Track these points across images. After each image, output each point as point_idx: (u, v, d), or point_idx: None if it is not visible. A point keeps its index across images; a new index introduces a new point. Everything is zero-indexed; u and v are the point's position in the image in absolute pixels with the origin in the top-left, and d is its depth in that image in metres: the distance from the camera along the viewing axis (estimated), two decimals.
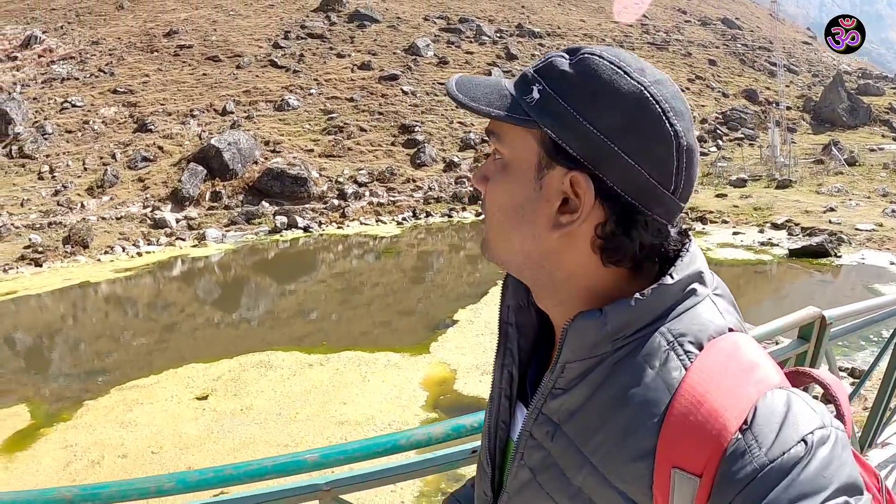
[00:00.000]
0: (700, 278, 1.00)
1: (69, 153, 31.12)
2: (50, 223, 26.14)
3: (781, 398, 0.87)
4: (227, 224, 26.92)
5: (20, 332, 17.22)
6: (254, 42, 41.42)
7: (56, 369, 13.87)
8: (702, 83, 45.99)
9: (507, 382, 1.17)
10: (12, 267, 23.38)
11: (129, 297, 19.91)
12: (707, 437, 0.85)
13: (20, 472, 8.97)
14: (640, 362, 0.93)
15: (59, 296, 19.95)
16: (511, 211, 1.02)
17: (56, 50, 41.05)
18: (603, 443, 0.94)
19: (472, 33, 45.29)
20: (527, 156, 0.99)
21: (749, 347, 0.95)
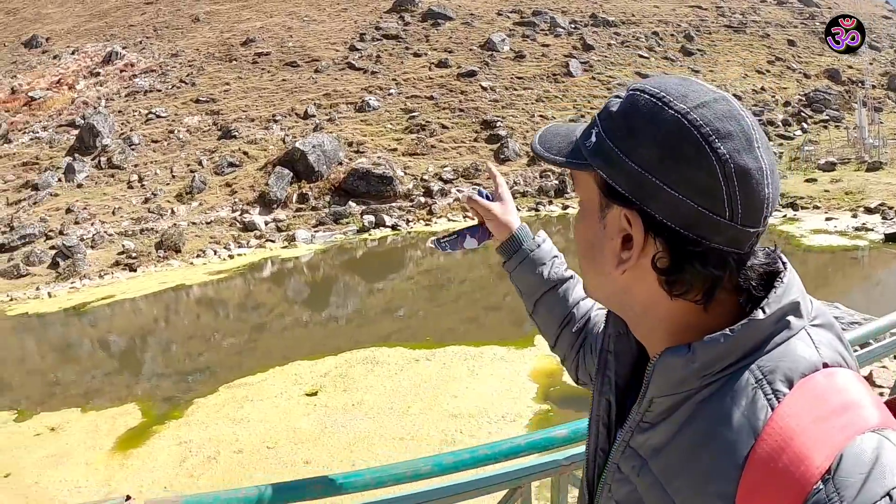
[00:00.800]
0: (795, 309, 0.96)
1: (156, 162, 31.46)
2: (142, 230, 26.41)
3: (871, 444, 0.82)
4: (315, 225, 26.81)
5: (123, 334, 17.27)
6: (330, 46, 41.41)
7: (162, 369, 13.82)
8: (782, 64, 44.44)
9: (604, 410, 1.17)
10: (108, 273, 23.87)
11: (225, 299, 19.87)
12: (788, 484, 0.83)
13: (136, 468, 8.78)
14: (727, 402, 0.92)
15: (155, 299, 20.04)
16: (587, 250, 1.08)
17: (137, 64, 41.73)
18: (686, 484, 0.93)
19: (547, 25, 44.58)
20: (592, 196, 1.04)
21: (844, 384, 0.90)
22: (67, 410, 11.44)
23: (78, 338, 17.62)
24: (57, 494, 8.28)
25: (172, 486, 8.00)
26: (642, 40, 44.04)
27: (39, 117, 37.43)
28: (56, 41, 49.04)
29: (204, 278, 21.68)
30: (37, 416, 11.39)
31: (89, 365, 14.99)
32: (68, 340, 17.55)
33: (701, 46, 44.50)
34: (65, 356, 16.21)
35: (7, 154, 34.52)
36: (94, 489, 8.25)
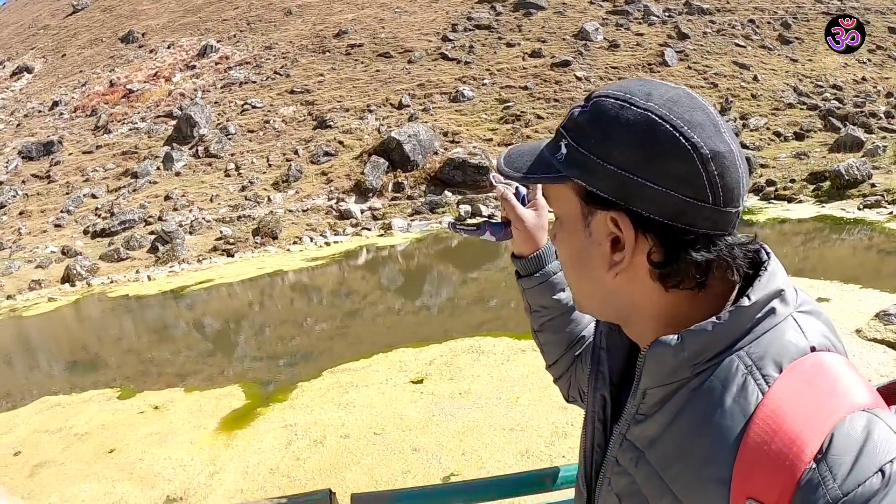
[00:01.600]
0: (781, 296, 0.98)
1: (253, 151, 31.63)
2: (239, 216, 26.53)
3: (861, 423, 0.84)
4: (411, 214, 26.44)
5: (221, 318, 17.33)
6: (423, 37, 41.12)
7: (260, 352, 13.66)
8: (883, 53, 42.15)
9: (599, 406, 1.19)
10: (206, 257, 24.12)
11: (320, 285, 19.66)
12: (781, 466, 0.84)
13: (241, 448, 8.54)
14: (718, 388, 0.94)
15: (252, 284, 20.05)
16: (575, 261, 1.08)
17: (232, 57, 42.21)
18: (682, 471, 0.95)
19: (640, 14, 43.45)
20: (571, 209, 1.05)
21: (833, 367, 0.92)
22: (171, 390, 11.44)
23: (176, 320, 17.71)
24: (161, 471, 8.15)
25: (279, 469, 7.75)
26: (738, 28, 42.51)
27: (137, 109, 38.16)
28: (151, 36, 50.09)
29: (301, 264, 21.51)
30: (140, 395, 11.42)
31: (187, 346, 15.00)
32: (167, 322, 17.62)
33: (799, 34, 42.71)
34: (164, 337, 16.25)
35: (107, 144, 35.29)
36: (199, 468, 8.10)
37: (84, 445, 9.44)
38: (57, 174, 33.62)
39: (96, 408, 10.99)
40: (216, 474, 7.75)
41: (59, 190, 32.31)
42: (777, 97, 34.09)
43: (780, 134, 30.71)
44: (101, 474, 8.35)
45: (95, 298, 21.13)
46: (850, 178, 22.94)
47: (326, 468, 7.59)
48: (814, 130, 30.72)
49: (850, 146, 27.27)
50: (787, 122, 31.73)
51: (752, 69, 36.70)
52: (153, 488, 7.66)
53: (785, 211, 22.41)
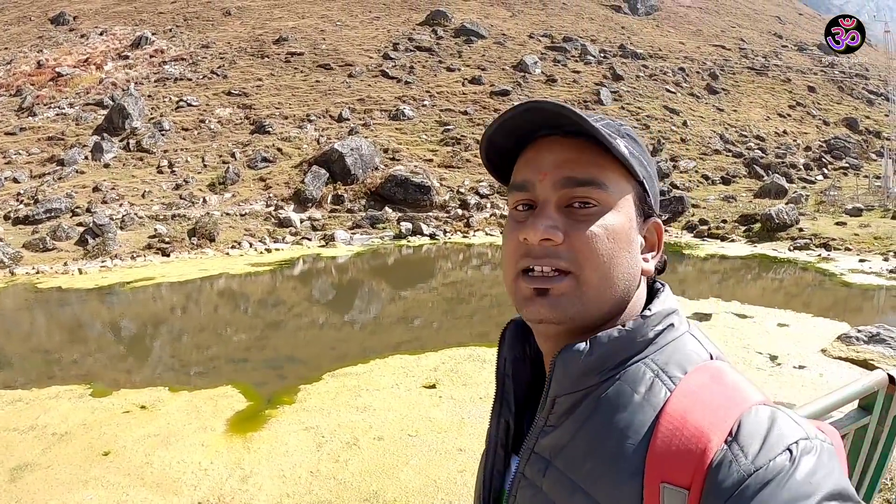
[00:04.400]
0: (676, 313, 1.08)
1: (187, 150, 31.05)
2: (174, 215, 25.99)
3: (765, 412, 0.90)
4: (351, 227, 26.39)
5: (183, 317, 17.07)
6: (364, 52, 41.26)
7: (242, 353, 13.38)
8: (802, 110, 44.49)
9: (503, 432, 1.20)
10: (140, 255, 23.59)
11: (279, 290, 19.62)
12: (693, 449, 0.88)
13: (267, 451, 8.31)
14: (627, 390, 0.98)
15: (200, 285, 19.75)
16: (623, 254, 1.05)
17: (167, 51, 41.45)
18: (593, 468, 0.96)
19: (578, 52, 44.66)
20: (631, 203, 1.07)
21: (732, 371, 1.00)
22: (152, 389, 10.99)
23: (127, 316, 17.23)
24: (180, 476, 7.77)
25: (319, 471, 7.59)
26: (669, 75, 44.16)
27: (66, 94, 37.03)
28: (83, 20, 48.74)
29: (245, 269, 21.27)
30: (117, 393, 10.90)
31: (151, 344, 14.69)
32: (115, 318, 17.20)
33: (725, 86, 44.63)
34: (119, 333, 15.89)
35: (32, 127, 34.08)
36: (224, 472, 7.81)
37: (68, 447, 8.89)
38: None
39: (69, 405, 10.44)
40: (248, 478, 7.50)
41: None
42: (705, 143, 35.54)
43: (707, 177, 32.05)
44: (104, 479, 7.89)
45: (23, 288, 20.36)
46: (780, 222, 24.64)
47: (374, 470, 7.52)
48: (739, 176, 32.25)
49: (774, 193, 29.06)
50: (714, 167, 33.13)
51: (681, 114, 38.19)
52: (177, 495, 7.31)
53: (721, 248, 23.73)
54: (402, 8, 49.16)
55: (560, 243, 1.03)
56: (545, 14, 51.84)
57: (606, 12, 55.78)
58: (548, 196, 1.04)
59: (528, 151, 1.08)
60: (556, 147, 1.05)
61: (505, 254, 1.10)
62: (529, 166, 1.07)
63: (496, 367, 1.25)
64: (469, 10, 49.10)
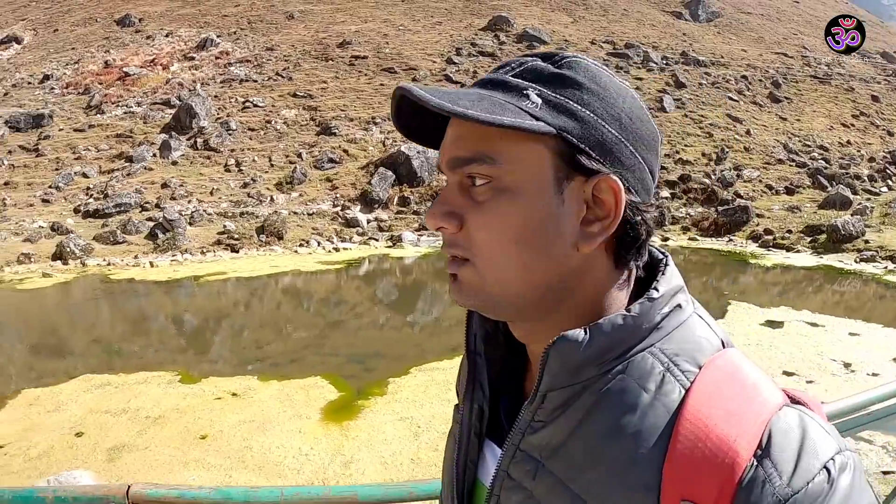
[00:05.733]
0: (683, 291, 0.96)
1: (254, 149, 31.25)
2: (242, 213, 26.17)
3: (794, 419, 0.83)
4: (417, 229, 26.34)
5: (262, 310, 17.25)
6: (427, 57, 41.22)
7: (330, 346, 13.48)
8: (866, 120, 43.42)
9: (477, 418, 1.09)
10: (209, 250, 23.91)
11: (353, 287, 19.81)
12: (719, 464, 0.80)
13: (365, 439, 8.39)
14: (634, 387, 0.87)
15: (275, 281, 19.96)
16: (529, 238, 0.90)
17: (232, 53, 41.82)
18: (597, 479, 0.86)
19: (640, 59, 44.16)
20: (538, 170, 0.88)
21: (746, 363, 0.92)
22: (241, 378, 11.17)
23: (203, 309, 17.56)
24: (281, 460, 7.92)
25: (420, 459, 7.65)
26: (732, 83, 43.42)
27: (133, 93, 37.52)
28: (149, 23, 49.44)
29: (317, 266, 21.42)
30: (206, 381, 11.13)
31: (233, 335, 14.86)
32: (192, 309, 17.54)
33: (788, 94, 43.76)
34: (195, 324, 16.17)
35: (100, 124, 34.59)
36: (326, 458, 7.90)
37: (164, 430, 9.12)
38: (46, 148, 32.77)
39: (159, 391, 10.67)
40: (350, 464, 7.59)
41: (48, 165, 31.49)
42: (768, 152, 34.85)
43: (771, 187, 31.38)
44: (205, 461, 8.05)
45: (96, 279, 20.69)
46: (846, 234, 24.22)
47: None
48: (803, 187, 31.50)
49: (839, 204, 28.36)
50: (777, 177, 32.43)
51: (744, 123, 37.53)
52: (281, 477, 7.41)
53: (786, 258, 23.31)
54: (463, 13, 49.12)
55: (455, 231, 0.93)
56: (606, 20, 51.45)
57: (667, 19, 55.18)
58: (448, 178, 0.94)
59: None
60: (453, 123, 0.94)
61: None
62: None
63: (465, 344, 1.12)
64: (530, 16, 48.92)
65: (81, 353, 13.63)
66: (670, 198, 29.98)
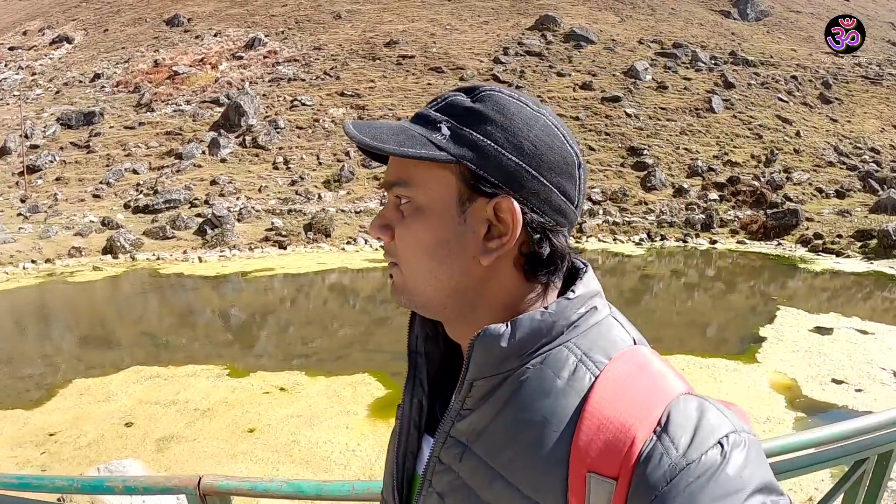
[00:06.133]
0: (600, 296, 1.04)
1: (302, 147, 31.35)
2: (290, 210, 26.28)
3: (693, 403, 0.89)
4: None
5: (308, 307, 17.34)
6: (474, 56, 41.00)
7: (375, 344, 13.48)
8: None
9: (416, 412, 1.17)
10: (257, 246, 24.10)
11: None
12: (622, 439, 0.86)
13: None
14: (549, 375, 0.95)
15: (321, 278, 20.00)
16: (435, 250, 1.02)
17: (280, 52, 42.03)
18: (514, 456, 0.95)
19: (688, 59, 43.37)
20: (444, 193, 1.00)
21: (656, 358, 0.98)
22: (289, 373, 11.26)
23: (253, 304, 17.69)
24: (328, 455, 7.95)
25: None
26: (781, 83, 42.42)
27: (183, 91, 37.86)
28: (197, 22, 49.88)
29: (363, 264, 21.45)
30: (254, 375, 11.23)
31: (278, 330, 14.93)
32: (241, 305, 17.67)
33: (839, 95, 42.67)
34: (242, 319, 16.26)
35: (150, 122, 34.96)
36: (373, 454, 7.95)
37: (213, 422, 9.18)
38: (97, 145, 33.19)
39: (207, 384, 10.75)
40: None
41: (98, 161, 31.88)
42: (818, 154, 34.00)
43: (821, 190, 30.62)
44: (253, 454, 8.08)
45: (145, 273, 20.85)
46: None
47: None
48: (854, 190, 30.66)
49: (891, 208, 27.59)
50: (828, 180, 31.63)
51: (794, 124, 36.63)
52: (328, 472, 7.42)
53: (836, 264, 22.76)
54: (510, 13, 48.81)
55: (389, 240, 1.06)
56: (654, 19, 50.77)
57: (716, 17, 54.27)
58: (387, 196, 1.07)
59: None
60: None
61: None
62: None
63: (408, 344, 1.19)
64: (577, 15, 48.43)
65: (130, 345, 13.73)
66: (719, 200, 29.42)
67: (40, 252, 22.94)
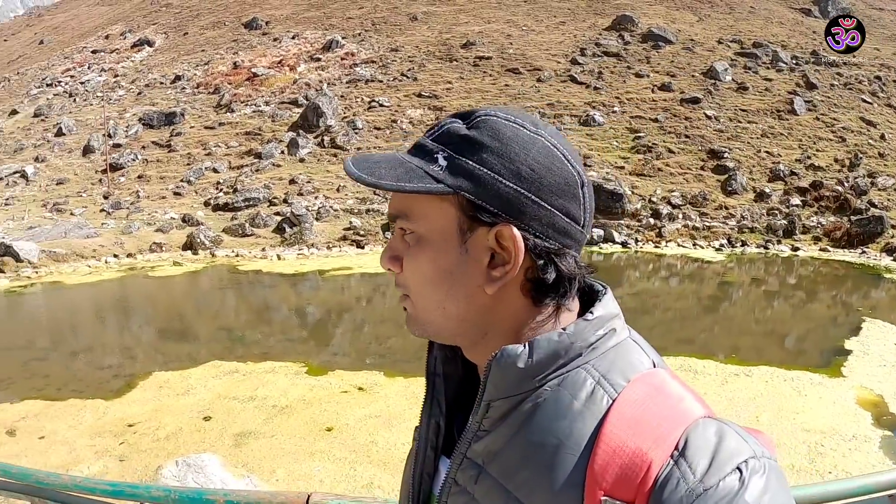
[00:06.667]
0: (619, 319, 1.03)
1: (380, 148, 31.38)
2: (367, 210, 26.29)
3: (712, 427, 0.88)
4: None
5: (387, 307, 17.22)
6: (551, 57, 40.61)
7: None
8: None
9: (433, 433, 1.16)
10: (335, 245, 24.28)
11: None
12: (638, 463, 0.85)
13: None
14: (566, 396, 0.94)
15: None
16: (440, 280, 1.02)
17: (357, 54, 42.22)
18: (530, 478, 0.93)
19: (768, 59, 42.12)
20: (444, 224, 0.99)
21: (675, 380, 0.97)
22: (368, 372, 11.27)
23: (331, 302, 17.76)
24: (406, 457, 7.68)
25: None
26: (865, 84, 40.86)
27: (262, 93, 38.28)
28: (275, 25, 50.52)
29: None
30: (332, 373, 11.26)
31: (354, 329, 15.03)
32: (319, 303, 17.77)
33: None
34: (323, 318, 16.27)
35: (230, 122, 35.40)
36: None
37: (290, 419, 9.20)
38: (178, 144, 33.76)
39: (286, 381, 10.81)
40: None
41: (179, 160, 32.41)
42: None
43: None
44: (330, 453, 8.07)
45: (224, 269, 21.04)
46: None
47: None
48: None
49: None
50: None
51: (878, 127, 35.17)
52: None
53: None
54: (587, 13, 48.27)
55: (399, 271, 1.05)
56: (733, 18, 49.61)
57: (796, 16, 52.80)
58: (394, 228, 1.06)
59: None
60: None
61: None
62: None
63: (426, 365, 1.17)
64: (655, 15, 47.62)
65: (209, 339, 13.86)
66: (801, 205, 28.43)
67: (122, 247, 23.38)
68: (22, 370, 11.96)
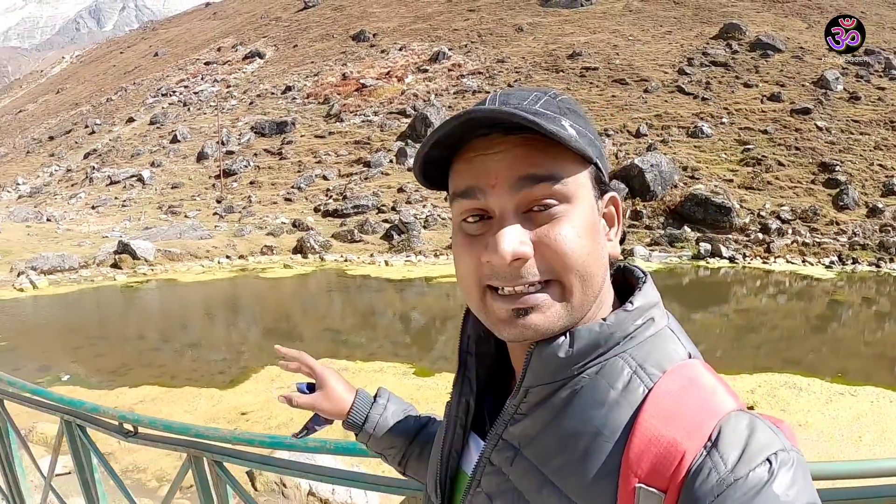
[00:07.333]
0: (658, 308, 1.02)
1: None
2: None
3: (744, 419, 0.89)
4: (649, 243, 25.59)
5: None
6: (658, 67, 40.18)
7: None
8: None
9: (463, 412, 1.17)
10: (442, 253, 24.61)
11: None
12: (672, 453, 0.86)
13: None
14: (604, 385, 0.95)
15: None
16: (593, 230, 0.97)
17: (464, 65, 42.55)
18: (565, 464, 0.95)
19: (881, 67, 40.37)
20: (587, 190, 0.96)
21: (710, 372, 0.97)
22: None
23: (437, 308, 18.02)
24: None
25: None
26: None
27: (371, 103, 38.97)
28: (382, 37, 51.36)
29: None
30: (439, 375, 11.49)
31: (456, 333, 14.97)
32: (426, 308, 18.03)
33: None
34: (428, 322, 16.66)
35: (339, 131, 36.14)
36: None
37: None
38: (289, 152, 34.67)
39: (394, 380, 11.02)
40: None
41: (290, 167, 33.27)
42: None
43: None
44: None
45: (333, 273, 21.51)
46: None
47: None
48: None
49: None
50: None
51: None
52: None
53: None
54: (693, 22, 47.57)
55: (530, 257, 0.93)
56: None
57: None
58: (504, 205, 0.92)
59: (466, 153, 0.95)
60: (500, 146, 0.92)
61: (462, 273, 0.98)
62: (473, 171, 0.94)
63: (459, 344, 1.19)
64: (763, 23, 46.49)
65: (316, 338, 14.26)
66: None
67: (234, 249, 24.22)
68: (138, 359, 12.68)
